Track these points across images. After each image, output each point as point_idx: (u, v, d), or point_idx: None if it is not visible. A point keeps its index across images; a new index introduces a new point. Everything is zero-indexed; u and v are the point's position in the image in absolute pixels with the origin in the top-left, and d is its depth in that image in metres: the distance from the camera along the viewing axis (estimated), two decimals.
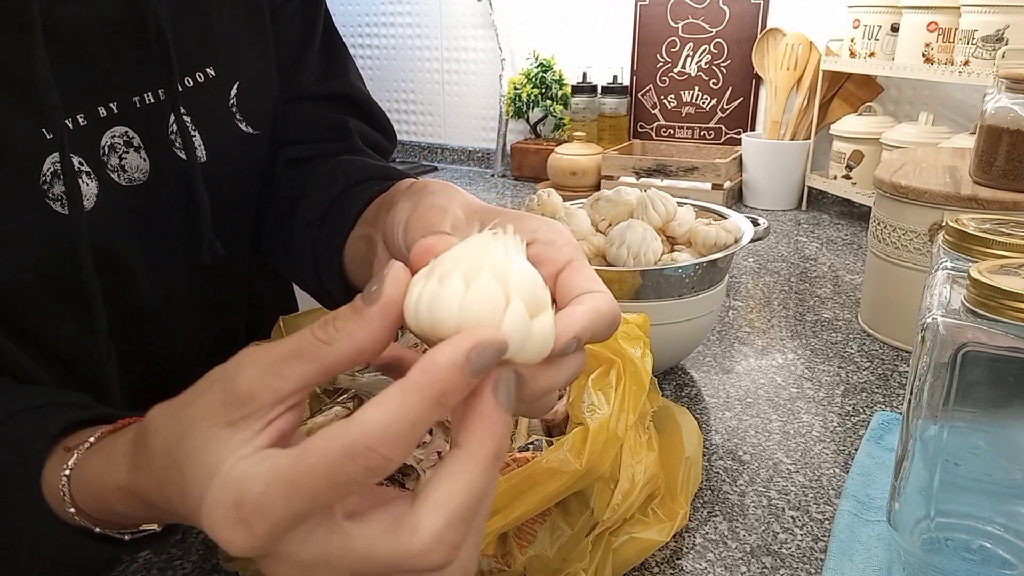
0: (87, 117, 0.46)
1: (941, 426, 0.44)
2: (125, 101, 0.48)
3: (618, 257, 0.70)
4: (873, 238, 0.88)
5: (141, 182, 0.49)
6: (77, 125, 0.45)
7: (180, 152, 0.50)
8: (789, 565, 0.51)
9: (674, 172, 1.51)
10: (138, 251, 0.49)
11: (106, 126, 0.47)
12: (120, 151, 0.48)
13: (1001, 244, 0.46)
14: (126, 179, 0.48)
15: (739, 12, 1.61)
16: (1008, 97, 0.79)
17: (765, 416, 0.70)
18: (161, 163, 0.50)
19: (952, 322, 0.42)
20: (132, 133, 0.48)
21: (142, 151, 0.49)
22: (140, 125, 0.49)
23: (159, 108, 0.49)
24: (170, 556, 0.53)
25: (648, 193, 0.77)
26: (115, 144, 0.48)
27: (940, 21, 1.21)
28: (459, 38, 1.97)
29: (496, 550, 0.44)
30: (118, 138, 0.48)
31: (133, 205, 0.49)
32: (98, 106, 0.46)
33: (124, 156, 0.48)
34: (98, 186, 0.47)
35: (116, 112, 0.47)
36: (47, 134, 0.43)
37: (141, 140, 0.49)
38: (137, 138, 0.49)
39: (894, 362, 0.82)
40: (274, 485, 0.25)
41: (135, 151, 0.49)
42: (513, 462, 0.42)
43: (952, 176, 0.85)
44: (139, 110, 0.48)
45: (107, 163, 0.47)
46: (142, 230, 0.50)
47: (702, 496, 0.58)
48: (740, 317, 0.95)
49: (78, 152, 0.45)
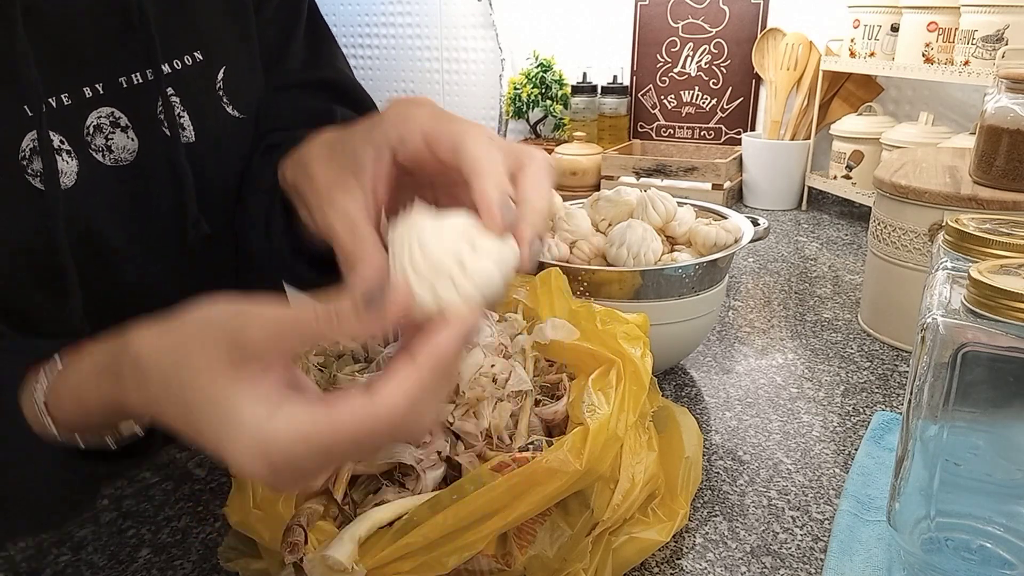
0: (71, 97, 0.47)
1: (941, 426, 0.44)
2: (111, 82, 0.49)
3: (618, 257, 0.70)
4: (873, 238, 0.88)
5: (128, 162, 0.50)
6: (61, 104, 0.46)
7: (168, 132, 0.51)
8: (789, 565, 0.51)
9: (674, 172, 1.51)
10: (121, 231, 0.50)
11: (91, 107, 0.48)
12: (106, 131, 0.49)
13: (1001, 244, 0.46)
14: (112, 159, 0.49)
15: (739, 12, 1.61)
16: (1008, 97, 0.79)
17: (765, 416, 0.70)
18: (149, 143, 0.51)
19: (952, 322, 0.42)
20: (119, 113, 0.49)
21: (130, 131, 0.50)
22: (127, 105, 0.50)
23: (146, 88, 0.50)
24: (170, 556, 0.53)
25: (648, 193, 0.77)
26: (101, 124, 0.49)
27: (940, 21, 1.21)
28: (459, 38, 1.97)
29: (496, 550, 0.44)
30: (104, 118, 0.49)
31: (118, 185, 0.50)
32: (83, 87, 0.47)
33: (111, 136, 0.49)
34: (79, 164, 0.47)
35: (103, 93, 0.48)
36: (28, 111, 0.44)
37: (129, 120, 0.50)
38: (124, 118, 0.50)
39: (894, 362, 0.82)
40: (301, 445, 0.29)
41: (122, 131, 0.50)
42: (513, 462, 0.42)
43: (952, 176, 0.85)
44: (126, 91, 0.50)
45: (91, 143, 0.48)
46: (127, 210, 0.50)
47: (702, 496, 0.58)
48: (740, 317, 0.95)
49: (60, 131, 0.46)
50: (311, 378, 0.54)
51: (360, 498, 0.48)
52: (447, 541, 0.40)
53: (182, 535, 0.55)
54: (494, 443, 0.49)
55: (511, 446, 0.49)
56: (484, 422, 0.49)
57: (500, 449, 0.49)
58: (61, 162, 0.46)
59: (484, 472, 0.42)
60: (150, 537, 0.55)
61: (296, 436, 0.29)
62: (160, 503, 0.59)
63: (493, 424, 0.49)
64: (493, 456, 0.46)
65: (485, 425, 0.49)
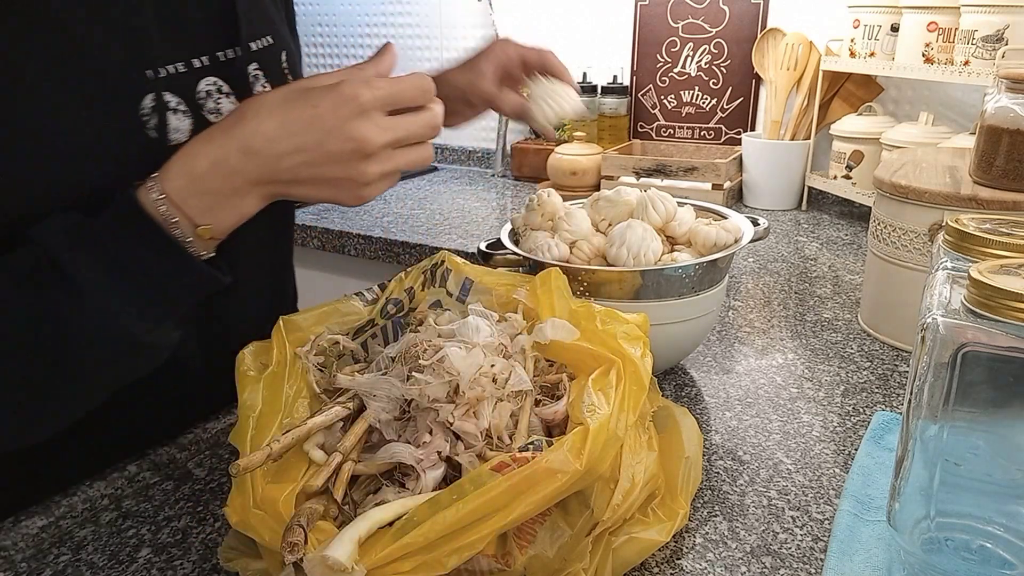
0: (186, 66, 0.56)
1: (941, 426, 0.44)
2: (212, 56, 0.59)
3: (618, 257, 0.70)
4: (873, 238, 0.88)
5: None
6: (177, 72, 0.56)
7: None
8: (789, 565, 0.51)
9: (674, 172, 1.51)
10: None
11: (200, 75, 0.58)
12: (215, 97, 0.58)
13: (1001, 244, 0.46)
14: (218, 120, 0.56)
15: (739, 12, 1.61)
16: (1008, 97, 0.79)
17: (765, 416, 0.70)
18: None
19: (952, 322, 0.42)
20: (221, 82, 0.59)
21: (231, 97, 0.60)
22: (226, 76, 0.59)
23: (238, 63, 0.60)
24: (170, 556, 0.53)
25: (648, 193, 0.77)
26: (210, 91, 0.58)
27: (940, 21, 1.21)
28: (459, 38, 1.97)
29: (496, 550, 0.44)
30: (211, 86, 0.58)
31: None
32: (193, 58, 0.57)
33: (219, 101, 0.59)
34: (192, 123, 0.56)
35: (207, 64, 0.58)
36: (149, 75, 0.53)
37: (230, 87, 0.60)
38: (226, 86, 0.59)
39: (894, 362, 0.82)
40: (383, 85, 0.50)
41: (226, 97, 0.59)
42: (513, 462, 0.42)
43: (952, 176, 0.85)
44: (223, 63, 0.59)
45: (203, 105, 0.58)
46: None
47: (702, 496, 0.58)
48: (740, 317, 0.95)
49: (177, 93, 0.56)
50: (311, 378, 0.54)
51: (360, 498, 0.48)
52: (447, 541, 0.40)
53: (182, 535, 0.55)
54: (494, 443, 0.49)
55: (511, 446, 0.49)
56: (484, 422, 0.49)
57: (500, 449, 0.49)
58: (176, 120, 0.55)
59: (484, 472, 0.42)
60: (150, 537, 0.55)
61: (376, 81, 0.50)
62: (160, 503, 0.59)
63: (493, 424, 0.49)
64: (493, 456, 0.46)
65: (485, 425, 0.49)
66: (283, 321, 0.57)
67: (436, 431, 0.49)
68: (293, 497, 0.45)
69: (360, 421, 0.51)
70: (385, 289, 0.63)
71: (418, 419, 0.50)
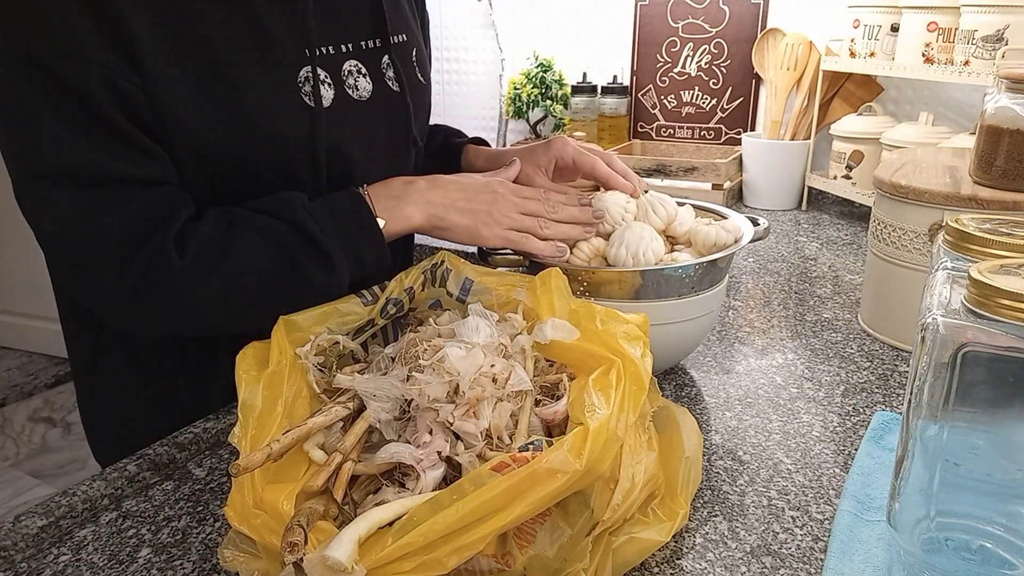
0: (334, 48, 0.71)
1: (941, 426, 0.44)
2: (357, 43, 0.73)
3: (618, 257, 0.70)
4: (873, 238, 0.88)
5: (365, 99, 0.74)
6: (327, 53, 0.70)
7: (392, 84, 0.77)
8: (789, 565, 0.51)
9: (674, 172, 1.51)
10: (356, 144, 0.73)
11: (345, 58, 0.72)
12: (355, 76, 0.73)
13: (1001, 244, 0.46)
14: (357, 95, 0.73)
15: (739, 12, 1.61)
16: (1008, 97, 0.79)
17: (765, 416, 0.70)
18: (379, 89, 0.75)
19: (952, 322, 0.42)
20: (360, 65, 0.74)
21: (367, 77, 0.74)
22: (365, 61, 0.74)
23: (376, 52, 0.75)
24: (170, 556, 0.53)
25: (648, 196, 0.77)
26: (351, 71, 0.73)
27: (940, 21, 1.21)
28: (459, 38, 1.97)
29: (496, 550, 0.44)
30: (352, 67, 0.73)
31: (358, 112, 0.73)
32: (341, 44, 0.72)
33: (357, 79, 0.73)
34: (335, 95, 0.70)
35: (351, 50, 0.73)
36: (307, 53, 0.67)
37: (367, 70, 0.74)
38: (364, 68, 0.74)
39: (894, 362, 0.82)
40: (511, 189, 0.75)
41: (363, 77, 0.74)
42: (513, 462, 0.42)
43: (952, 176, 0.85)
44: (365, 51, 0.74)
45: (345, 81, 0.72)
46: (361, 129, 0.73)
47: (702, 496, 0.58)
48: (740, 317, 0.95)
49: (326, 69, 0.70)
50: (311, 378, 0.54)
51: (360, 498, 0.48)
52: (447, 541, 0.40)
53: (182, 535, 0.55)
54: (494, 443, 0.49)
55: (511, 446, 0.49)
56: (484, 422, 0.49)
57: (500, 449, 0.49)
58: (324, 90, 0.69)
59: (484, 472, 0.42)
60: (150, 537, 0.55)
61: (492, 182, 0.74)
62: (160, 503, 0.59)
63: (493, 424, 0.49)
64: (493, 456, 0.46)
65: (485, 425, 0.49)
66: (283, 321, 0.57)
67: (436, 431, 0.49)
68: (293, 497, 0.45)
69: (360, 421, 0.51)
70: (385, 289, 0.63)
71: (418, 419, 0.50)
